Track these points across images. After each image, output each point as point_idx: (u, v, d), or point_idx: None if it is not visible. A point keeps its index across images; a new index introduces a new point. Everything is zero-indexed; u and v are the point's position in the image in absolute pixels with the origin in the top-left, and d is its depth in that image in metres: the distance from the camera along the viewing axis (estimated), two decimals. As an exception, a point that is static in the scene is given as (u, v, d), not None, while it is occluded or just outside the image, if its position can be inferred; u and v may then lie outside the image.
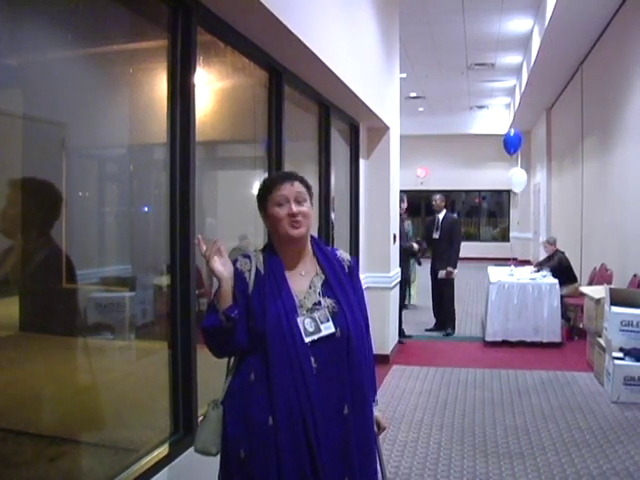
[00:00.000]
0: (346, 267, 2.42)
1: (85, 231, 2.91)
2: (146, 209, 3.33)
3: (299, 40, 3.70)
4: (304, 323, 2.20)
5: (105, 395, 2.78)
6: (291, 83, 4.57)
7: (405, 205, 8.81)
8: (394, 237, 7.63)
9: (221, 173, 4.41)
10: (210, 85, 3.69)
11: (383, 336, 7.32)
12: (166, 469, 2.72)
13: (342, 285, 2.33)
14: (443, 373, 6.98)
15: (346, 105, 5.92)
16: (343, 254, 2.47)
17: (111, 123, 2.97)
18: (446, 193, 10.72)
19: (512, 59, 12.72)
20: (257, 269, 2.27)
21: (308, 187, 2.35)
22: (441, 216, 9.19)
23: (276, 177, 2.39)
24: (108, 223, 3.14)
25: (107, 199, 3.20)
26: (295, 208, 2.24)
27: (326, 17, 4.42)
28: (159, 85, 2.99)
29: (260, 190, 2.34)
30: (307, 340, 2.17)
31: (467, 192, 22.40)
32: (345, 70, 4.87)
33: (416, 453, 4.75)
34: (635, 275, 7.10)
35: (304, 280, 2.30)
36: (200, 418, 3.06)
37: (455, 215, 10.76)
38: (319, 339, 2.19)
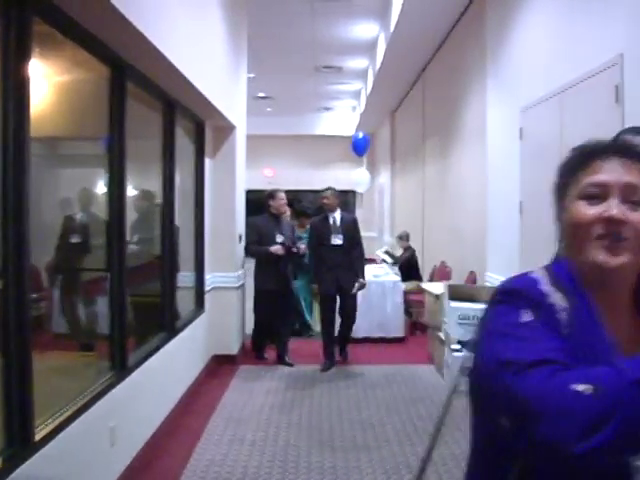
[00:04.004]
0: None
1: None
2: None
3: (142, 35, 3.59)
4: None
5: None
6: (134, 79, 4.43)
7: (283, 201, 7.53)
8: (239, 237, 7.61)
9: (62, 171, 4.21)
10: (48, 79, 3.51)
11: (229, 336, 7.31)
12: (-1, 485, 2.56)
13: None
14: (290, 371, 7.06)
15: (192, 103, 5.84)
16: None
17: None
18: (294, 192, 10.34)
19: (359, 63, 13.04)
20: (571, 316, 1.20)
21: None
22: (338, 216, 7.43)
23: (594, 146, 1.29)
24: None
25: None
26: (619, 211, 1.18)
27: (172, 13, 4.32)
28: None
29: (562, 169, 1.33)
30: None
31: (315, 192, 22.75)
32: (191, 67, 4.79)
33: (265, 452, 4.77)
34: (472, 272, 7.51)
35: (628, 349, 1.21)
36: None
37: (352, 215, 8.97)
38: None
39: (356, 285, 7.26)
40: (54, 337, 5.72)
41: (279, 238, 7.23)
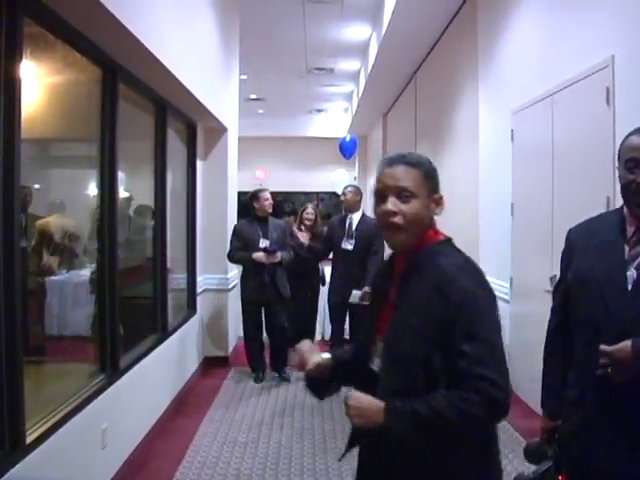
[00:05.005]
0: None
1: None
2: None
3: (134, 37, 3.58)
4: None
5: None
6: (126, 81, 4.42)
7: (268, 201, 6.64)
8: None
9: (54, 172, 4.19)
10: (40, 80, 3.49)
11: (221, 338, 7.30)
12: (-10, 488, 2.54)
13: None
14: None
15: (183, 105, 5.83)
16: None
17: None
18: (285, 194, 10.10)
19: (350, 65, 13.05)
20: None
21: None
22: (356, 219, 6.66)
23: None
24: None
25: None
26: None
27: (163, 15, 4.32)
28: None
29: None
30: None
31: (306, 194, 22.76)
32: (182, 69, 4.79)
33: (257, 453, 4.76)
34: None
35: None
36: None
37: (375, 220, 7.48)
38: None
39: (354, 293, 6.25)
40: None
41: (262, 243, 6.51)
